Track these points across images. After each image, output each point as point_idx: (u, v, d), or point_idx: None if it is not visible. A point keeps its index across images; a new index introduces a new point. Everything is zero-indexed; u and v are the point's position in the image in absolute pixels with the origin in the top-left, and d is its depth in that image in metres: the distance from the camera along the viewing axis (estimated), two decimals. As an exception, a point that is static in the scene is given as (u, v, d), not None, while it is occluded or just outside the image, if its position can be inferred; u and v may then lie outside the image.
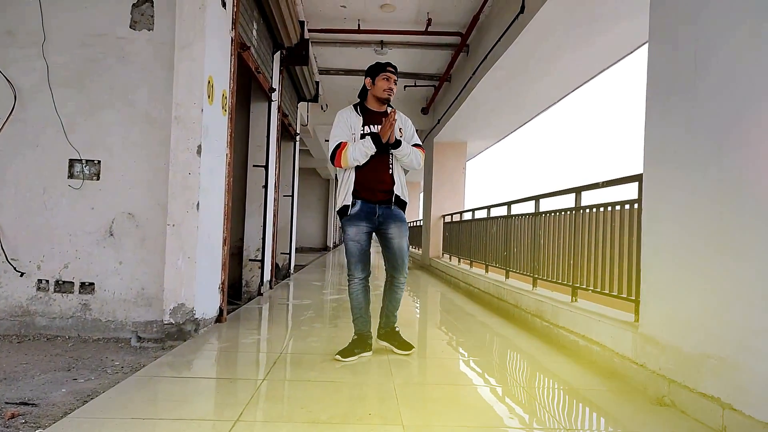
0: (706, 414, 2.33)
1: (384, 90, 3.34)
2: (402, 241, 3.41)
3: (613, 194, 3.66)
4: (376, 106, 3.41)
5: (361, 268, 3.38)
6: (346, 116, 3.36)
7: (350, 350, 3.31)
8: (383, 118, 3.30)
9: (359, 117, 3.35)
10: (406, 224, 3.45)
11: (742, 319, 2.17)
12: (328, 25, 7.53)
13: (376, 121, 3.34)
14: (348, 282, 3.44)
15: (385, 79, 3.35)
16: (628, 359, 3.02)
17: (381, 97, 3.36)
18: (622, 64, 6.31)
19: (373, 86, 3.38)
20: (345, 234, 3.35)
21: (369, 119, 3.35)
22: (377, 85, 3.36)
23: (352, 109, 3.40)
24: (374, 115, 3.38)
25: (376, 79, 3.37)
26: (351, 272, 3.39)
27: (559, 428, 2.31)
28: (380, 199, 3.32)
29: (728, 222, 2.26)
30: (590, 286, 3.93)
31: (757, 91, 2.14)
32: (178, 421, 2.18)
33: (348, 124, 3.33)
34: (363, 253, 3.36)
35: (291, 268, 9.18)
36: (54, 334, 3.89)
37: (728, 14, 2.33)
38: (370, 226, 3.34)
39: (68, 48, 3.96)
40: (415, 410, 2.42)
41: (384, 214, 3.34)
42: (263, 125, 6.43)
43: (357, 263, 3.36)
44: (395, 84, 3.38)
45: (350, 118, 3.35)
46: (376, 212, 3.32)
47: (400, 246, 3.41)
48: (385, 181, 3.33)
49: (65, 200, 3.95)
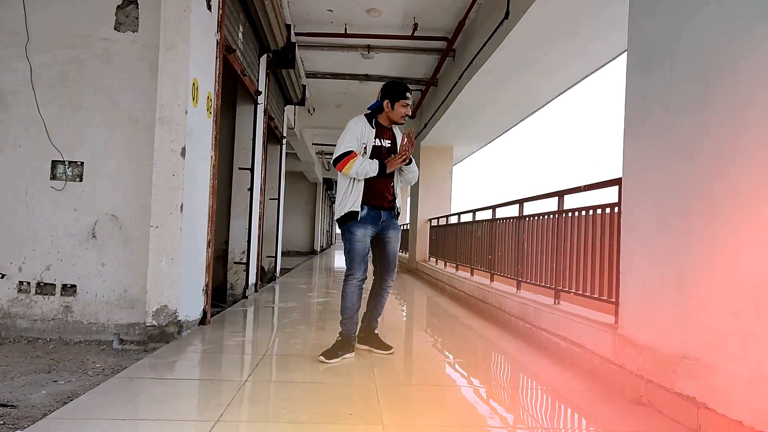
0: (681, 413, 2.38)
1: (402, 117, 3.45)
2: (397, 246, 3.58)
3: (594, 198, 3.71)
4: (386, 123, 3.52)
5: (364, 267, 3.45)
6: (360, 126, 3.42)
7: (334, 352, 3.32)
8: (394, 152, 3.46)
9: (372, 129, 3.43)
10: (400, 232, 3.65)
11: (715, 321, 2.22)
12: (315, 29, 7.55)
13: (384, 135, 3.48)
14: (345, 282, 3.46)
15: (405, 106, 3.44)
16: (607, 360, 3.06)
17: (397, 122, 3.49)
18: (605, 70, 6.41)
19: (391, 110, 3.45)
20: (351, 236, 3.39)
21: (379, 133, 3.46)
22: (396, 110, 3.44)
23: (366, 120, 3.46)
24: (384, 129, 3.50)
25: (395, 104, 3.43)
26: (352, 271, 3.42)
27: (539, 428, 2.35)
28: (386, 207, 3.47)
29: (699, 225, 2.32)
30: (572, 289, 3.98)
31: (726, 102, 2.20)
32: (159, 422, 2.18)
33: (360, 133, 3.40)
34: (366, 254, 3.46)
35: (277, 271, 9.16)
36: (35, 337, 3.85)
37: (705, 28, 2.39)
38: (375, 229, 3.44)
39: (51, 48, 3.94)
40: (397, 411, 2.43)
41: (387, 219, 3.49)
42: (249, 128, 6.42)
43: (361, 263, 3.42)
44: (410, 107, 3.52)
45: (364, 129, 3.42)
46: (381, 217, 3.45)
47: (395, 251, 3.57)
48: (388, 192, 3.49)
49: (47, 202, 3.92)
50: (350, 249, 3.42)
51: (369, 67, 9.10)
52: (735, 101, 2.17)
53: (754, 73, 2.08)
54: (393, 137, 3.54)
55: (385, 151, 3.45)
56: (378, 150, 3.42)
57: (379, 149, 3.43)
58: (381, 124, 3.50)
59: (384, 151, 3.44)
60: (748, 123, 2.09)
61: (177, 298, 3.76)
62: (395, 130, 3.59)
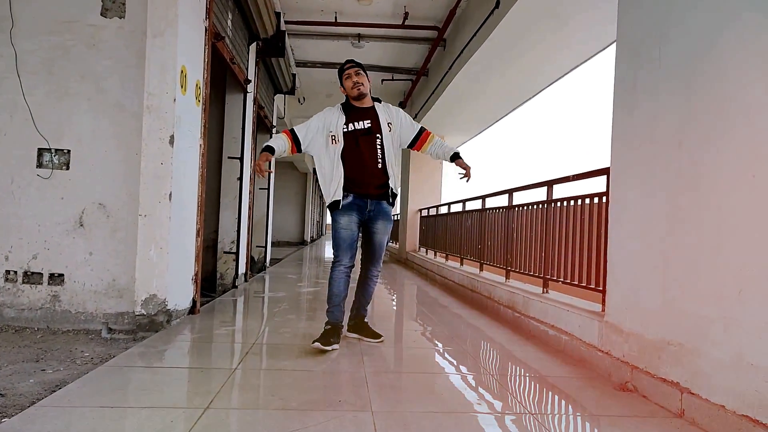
0: (665, 398, 2.42)
1: (352, 88, 3.37)
2: (383, 237, 3.47)
3: (583, 187, 3.74)
4: (358, 103, 3.42)
5: (350, 254, 3.38)
6: (325, 115, 3.41)
7: (327, 339, 3.25)
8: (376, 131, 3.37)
9: (343, 116, 3.37)
10: (391, 222, 3.52)
11: (699, 307, 2.25)
12: (304, 17, 7.48)
13: (360, 117, 3.37)
14: (332, 269, 3.40)
15: (348, 78, 3.39)
16: (594, 347, 3.10)
17: (352, 95, 3.39)
18: (595, 60, 6.42)
19: (344, 89, 3.45)
20: (336, 224, 3.35)
21: (353, 117, 3.37)
22: (345, 87, 3.42)
23: (339, 108, 3.43)
24: (359, 112, 3.40)
25: (343, 83, 3.44)
26: (339, 258, 3.36)
27: (527, 413, 2.37)
28: (372, 193, 3.36)
29: (685, 213, 2.35)
30: (561, 278, 4.01)
31: (711, 94, 2.22)
32: (148, 409, 2.18)
33: (324, 123, 3.37)
34: (352, 242, 3.37)
35: (267, 261, 9.14)
36: (22, 326, 3.82)
37: (693, 18, 2.40)
38: (360, 217, 3.37)
39: (37, 34, 3.88)
40: (386, 397, 2.45)
41: (375, 209, 3.39)
42: (238, 117, 6.38)
43: (347, 250, 3.36)
44: (359, 75, 3.39)
45: (330, 116, 3.38)
46: (367, 206, 3.36)
47: (381, 241, 3.48)
48: (376, 175, 3.35)
49: (34, 190, 3.88)
50: (335, 236, 3.38)
51: (359, 56, 9.02)
52: (722, 91, 2.19)
53: (741, 62, 2.10)
54: (374, 117, 3.40)
55: (359, 133, 3.33)
56: (352, 134, 3.32)
57: (352, 134, 3.33)
58: (355, 108, 3.41)
59: (358, 134, 3.33)
60: (735, 113, 2.12)
61: (166, 288, 3.74)
62: (379, 109, 3.45)
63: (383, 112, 3.46)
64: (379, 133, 3.37)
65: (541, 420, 2.28)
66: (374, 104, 3.47)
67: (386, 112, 3.47)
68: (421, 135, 3.55)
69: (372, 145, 3.34)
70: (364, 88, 3.38)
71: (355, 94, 3.37)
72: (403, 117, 3.54)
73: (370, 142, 3.34)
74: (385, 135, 3.38)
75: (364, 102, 3.43)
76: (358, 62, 3.48)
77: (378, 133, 3.37)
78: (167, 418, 2.08)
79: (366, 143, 3.33)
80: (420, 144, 3.56)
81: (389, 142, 3.39)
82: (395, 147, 3.46)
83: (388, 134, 3.40)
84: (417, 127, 3.56)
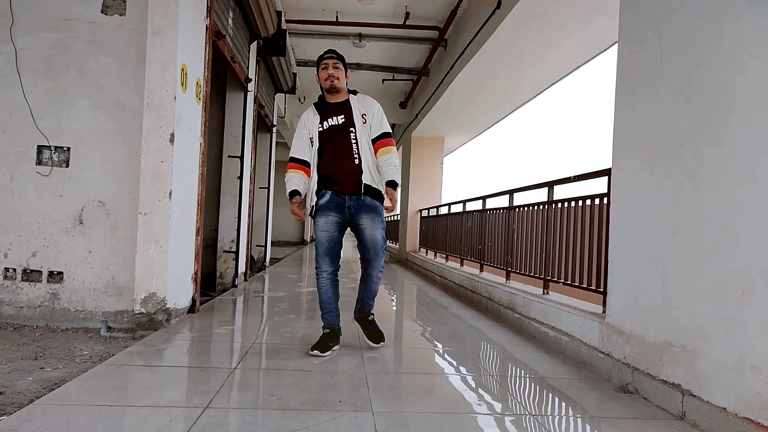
0: (666, 400, 2.41)
1: (325, 80, 3.21)
2: (375, 232, 3.19)
3: (584, 188, 3.73)
4: (332, 98, 3.27)
5: (330, 260, 3.22)
6: (304, 120, 3.29)
7: (325, 344, 3.18)
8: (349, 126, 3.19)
9: (316, 115, 3.25)
10: (380, 215, 3.23)
11: (700, 308, 2.24)
12: (305, 16, 7.48)
13: (333, 113, 3.22)
14: (316, 276, 3.27)
15: (324, 68, 3.23)
16: (595, 349, 3.10)
17: (325, 87, 3.23)
18: (596, 61, 6.42)
19: (318, 79, 3.30)
20: (315, 226, 3.22)
21: (326, 113, 3.24)
22: (320, 77, 3.26)
23: (312, 108, 3.30)
24: (331, 108, 3.25)
25: (318, 73, 3.27)
26: (318, 265, 3.23)
27: (527, 414, 2.36)
28: (350, 191, 3.17)
29: (686, 214, 2.34)
30: (561, 279, 4.00)
31: (712, 95, 2.21)
32: (147, 408, 2.17)
33: (306, 129, 3.26)
34: (332, 245, 3.21)
35: (266, 260, 9.13)
36: (21, 324, 3.81)
37: (693, 18, 2.39)
38: (341, 217, 3.19)
39: (37, 31, 3.87)
40: (386, 398, 2.44)
41: (355, 205, 3.18)
42: (239, 115, 6.36)
43: (325, 255, 3.21)
44: (337, 69, 3.22)
45: (308, 121, 3.27)
46: (346, 203, 3.17)
47: (373, 237, 3.19)
48: (351, 172, 3.18)
49: (33, 187, 3.87)
50: (316, 241, 3.23)
51: (360, 55, 9.05)
52: (725, 91, 2.18)
53: (744, 60, 2.09)
54: (347, 110, 3.21)
55: (334, 130, 3.19)
56: (326, 132, 3.19)
57: (327, 131, 3.19)
58: (328, 103, 3.27)
59: (332, 130, 3.19)
60: (738, 113, 2.11)
61: (165, 286, 3.73)
62: (353, 102, 3.25)
63: (358, 104, 3.26)
64: (352, 126, 3.19)
65: (541, 421, 2.27)
66: (349, 97, 3.28)
67: (362, 104, 3.26)
68: (382, 139, 3.22)
69: (347, 141, 3.18)
70: (338, 82, 3.22)
71: (327, 86, 3.22)
72: (377, 111, 3.27)
73: (344, 138, 3.18)
74: (359, 128, 3.19)
75: (338, 96, 3.27)
76: (339, 54, 3.30)
77: (351, 126, 3.19)
78: (166, 417, 2.07)
79: (340, 138, 3.18)
80: (377, 147, 3.22)
81: (364, 136, 3.19)
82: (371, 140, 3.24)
83: (363, 127, 3.19)
84: (384, 129, 3.25)
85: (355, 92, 3.33)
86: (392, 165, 3.21)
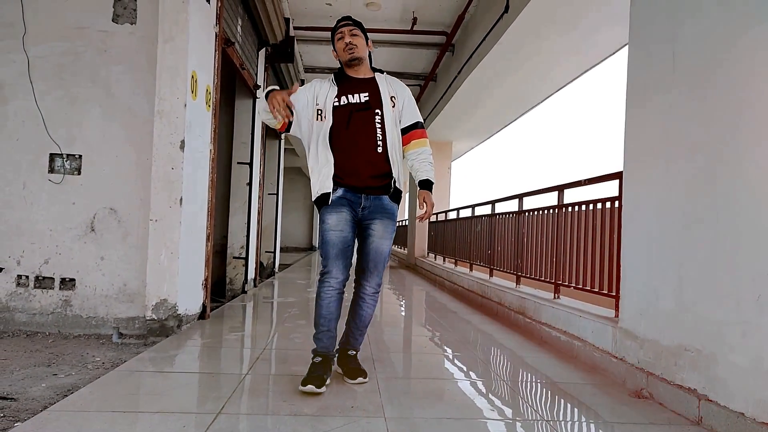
0: (682, 405, 2.38)
1: (344, 50, 2.69)
2: (382, 242, 2.67)
3: (595, 192, 3.71)
4: (353, 72, 2.74)
5: (342, 264, 2.61)
6: (315, 84, 2.73)
7: (319, 377, 2.53)
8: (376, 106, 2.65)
9: (334, 87, 2.68)
10: (394, 223, 2.73)
11: (716, 312, 2.22)
12: (313, 23, 7.51)
13: (355, 89, 2.68)
14: (319, 283, 2.65)
15: (340, 38, 2.71)
16: (608, 353, 3.07)
17: (344, 59, 2.70)
18: (606, 64, 6.40)
19: (336, 53, 2.79)
20: (323, 224, 2.62)
21: (347, 89, 2.68)
22: (337, 50, 2.75)
23: (330, 79, 2.75)
24: (354, 82, 2.71)
25: (335, 45, 2.76)
26: (327, 269, 2.62)
27: (539, 419, 2.34)
28: (369, 186, 2.62)
29: (700, 216, 2.31)
30: (572, 283, 3.98)
31: (727, 95, 2.19)
32: (159, 414, 2.17)
33: (312, 92, 2.69)
34: (345, 246, 2.60)
35: (276, 266, 9.15)
36: (34, 330, 3.83)
37: (704, 20, 2.38)
38: (354, 215, 2.64)
39: (48, 40, 3.91)
40: (398, 403, 2.43)
41: (372, 206, 2.64)
42: (248, 122, 6.40)
43: (337, 257, 2.59)
44: (354, 35, 2.70)
45: (320, 87, 2.70)
46: (361, 203, 2.63)
47: (379, 249, 2.68)
48: (371, 162, 2.61)
49: (45, 195, 3.90)
50: (323, 240, 2.64)
51: (368, 61, 9.06)
52: (740, 90, 2.16)
53: (760, 61, 2.07)
54: (374, 88, 2.69)
55: (354, 109, 2.63)
56: (344, 109, 2.62)
57: (344, 109, 2.63)
58: (351, 78, 2.73)
59: (352, 108, 2.63)
60: (753, 112, 2.08)
61: (176, 292, 3.74)
62: (381, 81, 2.74)
63: (386, 83, 2.74)
64: (379, 108, 2.64)
65: (553, 426, 2.25)
66: (375, 75, 2.77)
67: (390, 85, 2.75)
68: (415, 129, 2.74)
69: (370, 124, 2.62)
70: (358, 50, 2.68)
71: (346, 57, 2.68)
72: (408, 97, 2.77)
73: (366, 120, 2.62)
74: (387, 111, 2.65)
75: (361, 71, 2.74)
76: (357, 20, 2.77)
77: (378, 108, 2.64)
78: (179, 423, 2.07)
79: (361, 121, 2.61)
80: (408, 139, 2.74)
81: (392, 122, 2.65)
82: (399, 128, 2.72)
83: (391, 111, 2.66)
84: (418, 118, 2.77)
85: (381, 71, 2.83)
86: (427, 161, 2.76)
